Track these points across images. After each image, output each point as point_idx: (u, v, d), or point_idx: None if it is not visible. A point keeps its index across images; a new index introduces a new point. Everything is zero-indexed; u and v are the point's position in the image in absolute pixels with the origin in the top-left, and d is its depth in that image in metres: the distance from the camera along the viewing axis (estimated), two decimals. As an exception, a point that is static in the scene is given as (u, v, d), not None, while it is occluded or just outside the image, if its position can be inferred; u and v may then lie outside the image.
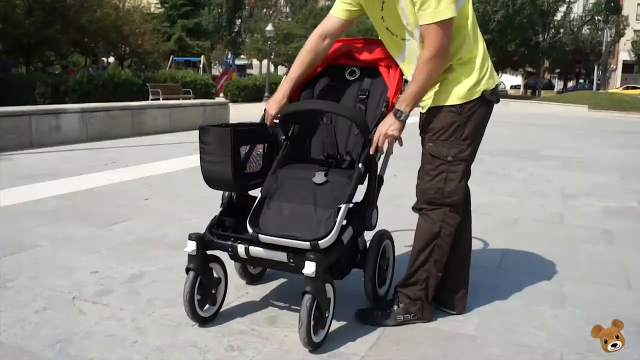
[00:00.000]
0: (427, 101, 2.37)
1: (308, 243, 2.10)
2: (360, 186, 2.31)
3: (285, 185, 2.33)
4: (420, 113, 2.45)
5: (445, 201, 2.35)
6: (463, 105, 2.29)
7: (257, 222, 2.24)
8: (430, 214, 2.38)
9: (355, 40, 2.60)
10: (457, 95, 2.29)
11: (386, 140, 2.28)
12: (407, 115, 2.27)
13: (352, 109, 2.48)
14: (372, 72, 2.55)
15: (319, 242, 2.10)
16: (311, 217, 2.20)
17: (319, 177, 2.30)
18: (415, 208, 2.46)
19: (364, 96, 2.54)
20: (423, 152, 2.41)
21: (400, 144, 2.36)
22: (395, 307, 2.43)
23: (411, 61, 2.34)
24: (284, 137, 2.53)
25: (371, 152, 2.29)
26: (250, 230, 2.21)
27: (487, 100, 2.34)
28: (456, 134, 2.31)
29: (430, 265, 2.40)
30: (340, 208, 2.17)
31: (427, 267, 2.40)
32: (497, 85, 2.39)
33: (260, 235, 2.18)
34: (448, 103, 2.30)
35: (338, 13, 2.42)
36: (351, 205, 2.23)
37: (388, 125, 2.26)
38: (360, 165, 2.29)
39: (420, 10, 2.13)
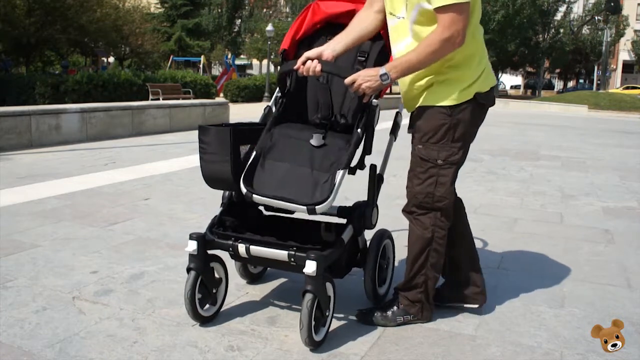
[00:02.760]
0: (417, 101, 2.33)
1: (305, 207, 2.06)
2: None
3: (280, 144, 2.28)
4: (410, 113, 2.42)
5: (436, 205, 2.31)
6: (454, 107, 2.24)
7: (251, 181, 2.18)
8: (422, 219, 2.34)
9: (359, 2, 2.51)
10: (448, 96, 2.23)
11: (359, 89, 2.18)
12: (391, 81, 2.18)
13: (348, 69, 2.39)
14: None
15: (316, 206, 2.06)
16: (307, 180, 2.15)
17: (317, 140, 2.24)
18: (405, 211, 2.43)
19: (363, 58, 2.47)
20: (412, 152, 2.35)
21: (367, 100, 2.26)
22: (395, 308, 2.43)
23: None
24: (280, 94, 2.48)
25: (351, 91, 2.21)
26: (244, 189, 2.16)
27: (480, 102, 2.28)
28: (447, 137, 2.25)
29: (428, 269, 2.39)
30: (337, 173, 2.12)
31: (424, 272, 2.39)
32: (492, 88, 2.32)
33: (254, 195, 2.13)
34: (439, 104, 2.24)
35: None
36: (346, 171, 2.18)
37: (367, 77, 2.16)
38: (359, 130, 2.25)
39: None
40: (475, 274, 2.55)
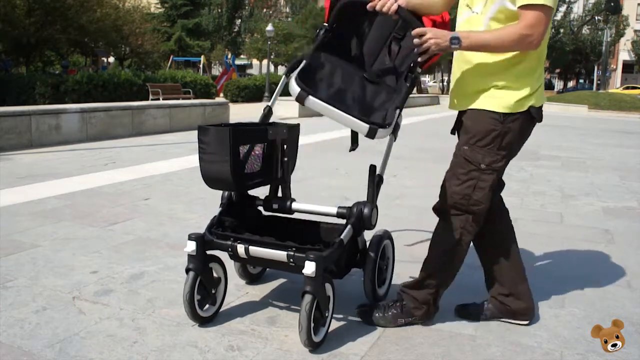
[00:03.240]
0: (470, 101, 2.27)
1: (367, 125, 1.94)
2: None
3: (331, 65, 2.14)
4: (459, 112, 2.36)
5: (470, 209, 2.26)
6: (507, 115, 2.20)
7: (308, 84, 2.02)
8: (452, 220, 2.30)
9: None
10: (503, 103, 2.20)
11: (422, 45, 2.09)
12: (459, 47, 2.11)
13: (419, 21, 2.26)
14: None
15: (379, 128, 1.93)
16: (365, 102, 2.03)
17: (370, 75, 2.13)
18: (436, 209, 2.39)
19: (400, 37, 2.37)
20: (456, 153, 2.31)
21: (424, 59, 2.20)
22: (398, 310, 2.40)
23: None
24: (328, 26, 2.31)
25: (416, 43, 2.10)
26: (296, 88, 1.98)
27: (531, 116, 2.24)
28: (494, 143, 2.21)
29: (445, 272, 2.36)
30: (395, 111, 2.00)
31: (440, 274, 2.36)
32: (541, 106, 2.30)
33: (310, 97, 1.98)
34: (492, 109, 2.20)
35: None
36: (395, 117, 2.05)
37: (438, 33, 2.10)
38: (407, 83, 2.19)
39: None
40: (522, 287, 2.48)
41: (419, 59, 2.22)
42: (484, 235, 2.42)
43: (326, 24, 2.38)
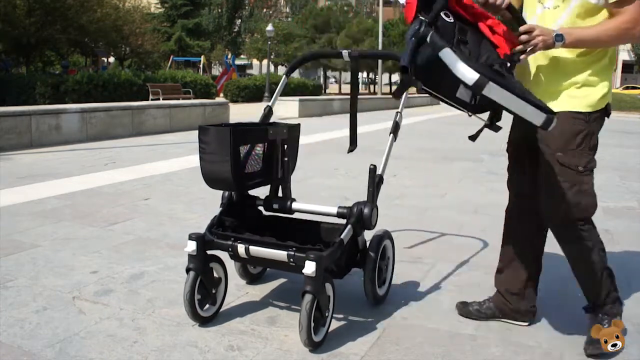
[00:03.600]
0: (548, 103, 2.10)
1: (545, 114, 1.85)
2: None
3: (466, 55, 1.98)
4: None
5: (586, 215, 2.18)
6: (591, 113, 2.15)
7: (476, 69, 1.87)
8: (575, 235, 2.21)
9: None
10: (588, 102, 2.14)
11: (527, 48, 2.04)
12: (562, 45, 2.05)
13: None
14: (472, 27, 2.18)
15: (554, 117, 1.85)
16: (524, 91, 1.96)
17: (500, 67, 2.03)
18: (555, 226, 2.27)
19: (466, 40, 2.14)
20: (547, 163, 2.20)
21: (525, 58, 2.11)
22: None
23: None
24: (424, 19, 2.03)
25: (521, 40, 2.03)
26: (472, 74, 1.84)
27: (607, 112, 2.20)
28: (584, 143, 2.14)
29: (607, 270, 2.27)
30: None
31: (606, 273, 2.27)
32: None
33: (493, 84, 1.85)
34: (578, 110, 2.14)
35: None
36: None
37: (545, 31, 2.04)
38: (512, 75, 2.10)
39: None
40: (532, 289, 2.47)
41: (520, 57, 2.11)
42: (515, 229, 2.44)
43: (424, 19, 2.04)
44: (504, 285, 2.49)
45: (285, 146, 2.54)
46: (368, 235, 2.50)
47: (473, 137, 2.32)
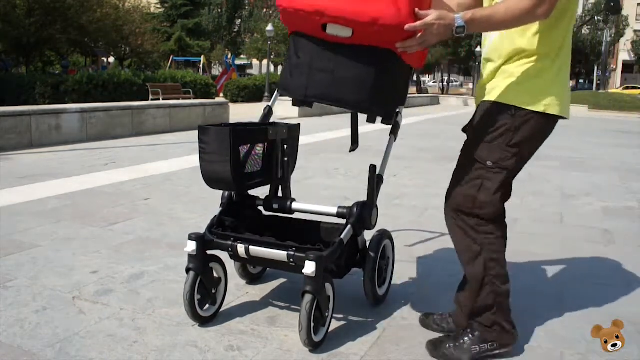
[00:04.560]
0: (482, 94, 2.09)
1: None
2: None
3: None
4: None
5: (475, 212, 2.08)
6: (521, 109, 1.98)
7: None
8: (462, 225, 2.12)
9: None
10: (520, 97, 1.99)
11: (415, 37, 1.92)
12: (464, 30, 1.87)
13: None
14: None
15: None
16: None
17: None
18: (447, 213, 2.22)
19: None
20: (462, 150, 2.17)
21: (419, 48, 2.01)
22: (469, 337, 2.14)
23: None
24: None
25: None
26: None
27: (551, 121, 2.03)
28: (502, 138, 2.01)
29: (492, 284, 2.09)
30: None
31: (489, 287, 2.09)
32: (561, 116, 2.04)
33: None
34: (504, 102, 2.01)
35: None
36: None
37: (442, 17, 1.87)
38: None
39: None
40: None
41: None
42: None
43: None
44: (460, 298, 2.34)
45: (285, 146, 2.54)
46: (368, 235, 2.50)
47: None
